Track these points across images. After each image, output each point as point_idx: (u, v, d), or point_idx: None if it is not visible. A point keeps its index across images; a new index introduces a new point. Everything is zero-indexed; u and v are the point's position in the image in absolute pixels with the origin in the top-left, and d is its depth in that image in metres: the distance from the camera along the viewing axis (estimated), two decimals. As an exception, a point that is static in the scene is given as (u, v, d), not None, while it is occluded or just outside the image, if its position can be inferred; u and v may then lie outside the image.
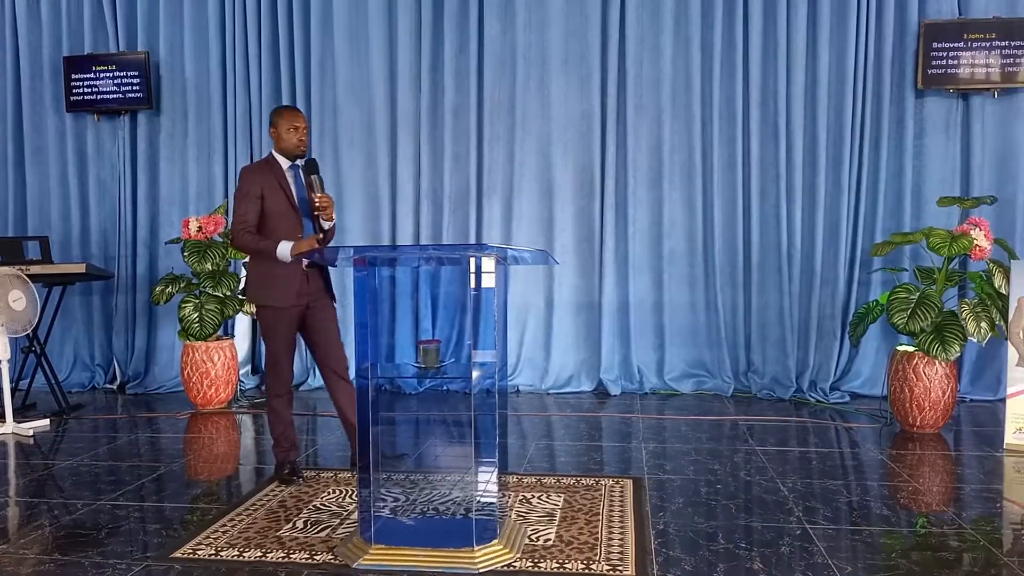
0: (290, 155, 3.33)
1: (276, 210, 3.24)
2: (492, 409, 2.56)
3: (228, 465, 3.79)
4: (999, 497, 3.21)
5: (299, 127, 3.30)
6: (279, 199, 3.25)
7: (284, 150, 3.32)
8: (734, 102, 5.25)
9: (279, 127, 3.31)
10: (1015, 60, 4.92)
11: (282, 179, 3.29)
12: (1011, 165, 5.04)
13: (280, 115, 3.33)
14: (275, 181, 3.26)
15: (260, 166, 3.34)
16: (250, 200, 3.22)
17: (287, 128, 3.29)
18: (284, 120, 3.31)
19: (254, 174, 3.28)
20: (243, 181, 3.26)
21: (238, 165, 5.62)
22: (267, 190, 3.24)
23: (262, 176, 3.26)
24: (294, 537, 2.71)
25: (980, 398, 5.03)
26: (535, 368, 5.51)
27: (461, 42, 5.43)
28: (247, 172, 3.30)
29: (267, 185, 3.24)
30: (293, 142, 3.30)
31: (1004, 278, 4.12)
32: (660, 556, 2.54)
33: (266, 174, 3.27)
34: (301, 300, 3.26)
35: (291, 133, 3.29)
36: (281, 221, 3.24)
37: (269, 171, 3.28)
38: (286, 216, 3.26)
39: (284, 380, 3.36)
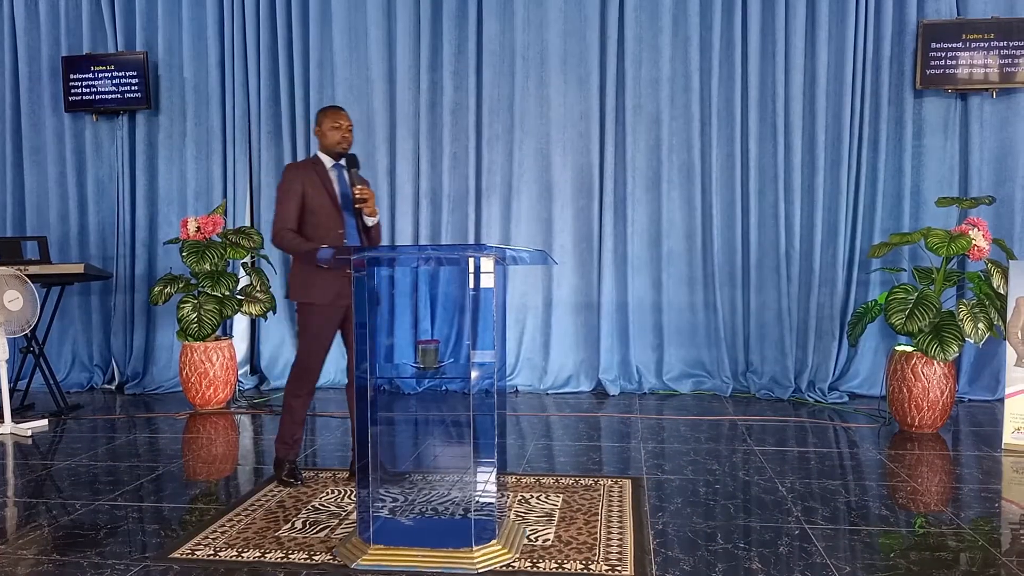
0: (333, 153, 3.30)
1: (318, 208, 3.22)
2: (491, 409, 2.56)
3: (226, 465, 3.79)
4: (997, 497, 3.21)
5: (342, 125, 3.28)
6: (321, 197, 3.23)
7: (327, 148, 3.30)
8: (733, 102, 5.25)
9: (323, 125, 3.30)
10: (1013, 60, 4.93)
11: (325, 177, 3.26)
12: (1009, 165, 5.04)
13: (324, 114, 3.32)
14: (318, 179, 3.24)
15: (303, 164, 3.33)
16: (291, 198, 3.21)
17: (330, 126, 3.28)
18: (327, 119, 3.30)
19: (296, 172, 3.26)
20: (285, 179, 3.25)
21: (237, 165, 5.62)
22: (309, 188, 3.21)
23: (304, 174, 3.24)
24: (293, 537, 2.71)
25: (978, 398, 5.04)
26: (534, 368, 5.51)
27: (460, 41, 5.44)
28: (289, 170, 3.29)
29: (309, 183, 3.22)
30: (335, 139, 3.28)
31: (1002, 278, 4.12)
32: (659, 556, 2.54)
33: (309, 172, 3.25)
34: (342, 301, 3.22)
35: (334, 131, 3.27)
36: (323, 219, 3.22)
37: (312, 169, 3.27)
38: (328, 214, 3.23)
39: (310, 380, 3.32)
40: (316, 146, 3.39)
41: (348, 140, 3.31)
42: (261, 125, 5.62)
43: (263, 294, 5.12)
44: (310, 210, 3.23)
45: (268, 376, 5.69)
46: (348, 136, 3.31)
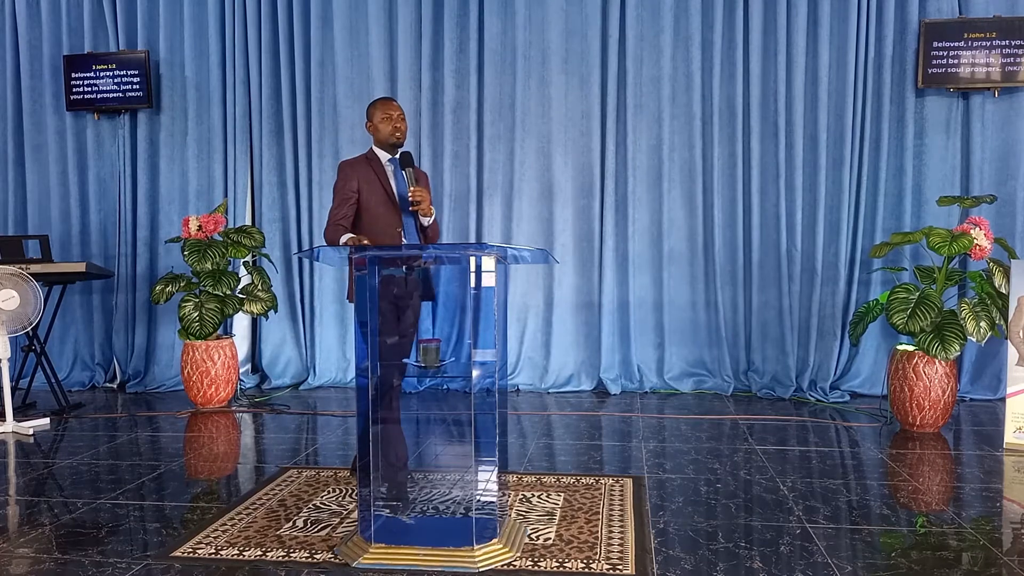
0: (387, 146, 3.22)
1: (374, 205, 3.14)
2: (492, 408, 2.56)
3: (228, 464, 3.79)
4: (999, 496, 3.21)
5: (393, 115, 3.18)
6: (377, 194, 3.14)
7: (381, 141, 3.22)
8: (734, 101, 5.25)
9: (373, 119, 3.22)
10: (1015, 59, 4.92)
11: (380, 173, 3.18)
12: (1011, 164, 5.03)
13: (374, 107, 3.23)
14: (373, 175, 3.16)
15: (358, 160, 3.24)
16: (345, 196, 3.12)
17: (381, 118, 3.19)
18: (377, 111, 3.21)
19: (351, 168, 3.18)
20: (339, 176, 3.17)
21: (238, 164, 5.63)
22: (364, 184, 3.14)
23: (359, 170, 3.16)
24: (294, 536, 2.71)
25: (980, 397, 5.03)
26: (535, 367, 5.51)
27: (461, 40, 5.43)
28: (344, 166, 3.21)
29: (364, 179, 3.14)
30: (388, 131, 3.18)
31: (1004, 277, 4.12)
32: (660, 555, 2.54)
33: (363, 168, 3.17)
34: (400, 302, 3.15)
35: (385, 123, 3.18)
36: (379, 216, 3.14)
37: (367, 165, 3.18)
38: (384, 211, 3.14)
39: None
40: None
41: (401, 130, 3.20)
42: (262, 124, 5.62)
43: (264, 293, 5.13)
44: (366, 208, 3.14)
45: (269, 375, 5.69)
46: (400, 126, 3.20)
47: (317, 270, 5.63)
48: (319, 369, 5.64)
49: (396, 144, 3.22)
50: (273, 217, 5.68)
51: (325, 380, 5.62)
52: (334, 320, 5.64)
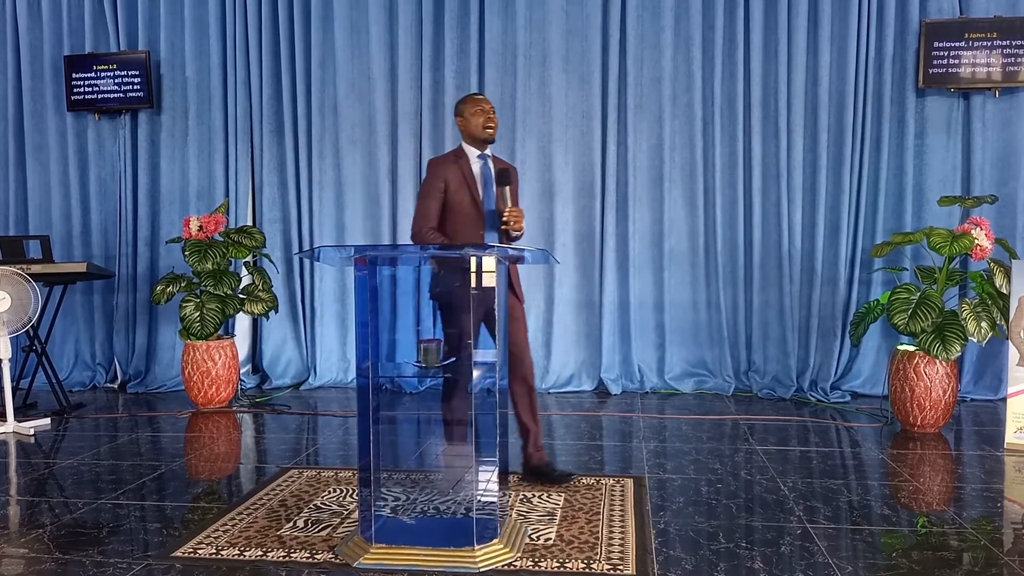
0: (479, 141, 3.15)
1: (459, 208, 3.07)
2: (493, 408, 2.56)
3: (229, 464, 3.80)
4: (1000, 496, 3.21)
5: (485, 108, 3.12)
6: (463, 195, 3.08)
7: (472, 135, 3.14)
8: (735, 101, 5.25)
9: (464, 113, 3.15)
10: (1016, 59, 4.92)
11: (468, 174, 3.11)
12: (1012, 164, 5.03)
13: (464, 102, 3.18)
14: (461, 175, 3.09)
15: (447, 158, 3.17)
16: (432, 195, 3.05)
17: (473, 111, 3.12)
18: (468, 104, 3.15)
19: (439, 167, 3.11)
20: (428, 174, 3.10)
21: (239, 164, 5.63)
22: (451, 184, 3.06)
23: (447, 169, 3.09)
24: (295, 536, 2.71)
25: (981, 398, 5.03)
26: (536, 367, 5.46)
27: (462, 40, 5.44)
28: (433, 164, 3.14)
29: (452, 179, 3.07)
30: (481, 123, 3.11)
31: (1005, 277, 4.12)
32: (661, 555, 2.54)
33: (452, 167, 3.10)
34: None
35: (477, 116, 3.11)
36: (462, 221, 3.08)
37: (455, 163, 3.11)
38: (468, 216, 3.08)
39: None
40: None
41: (494, 123, 3.14)
42: (263, 124, 5.62)
43: (265, 293, 5.13)
44: (451, 208, 3.08)
45: (270, 375, 5.69)
46: (493, 119, 3.14)
47: (318, 270, 5.63)
48: (320, 369, 5.64)
49: (488, 139, 3.16)
50: (274, 217, 5.68)
51: (326, 380, 5.63)
52: (335, 320, 5.65)
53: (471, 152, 3.16)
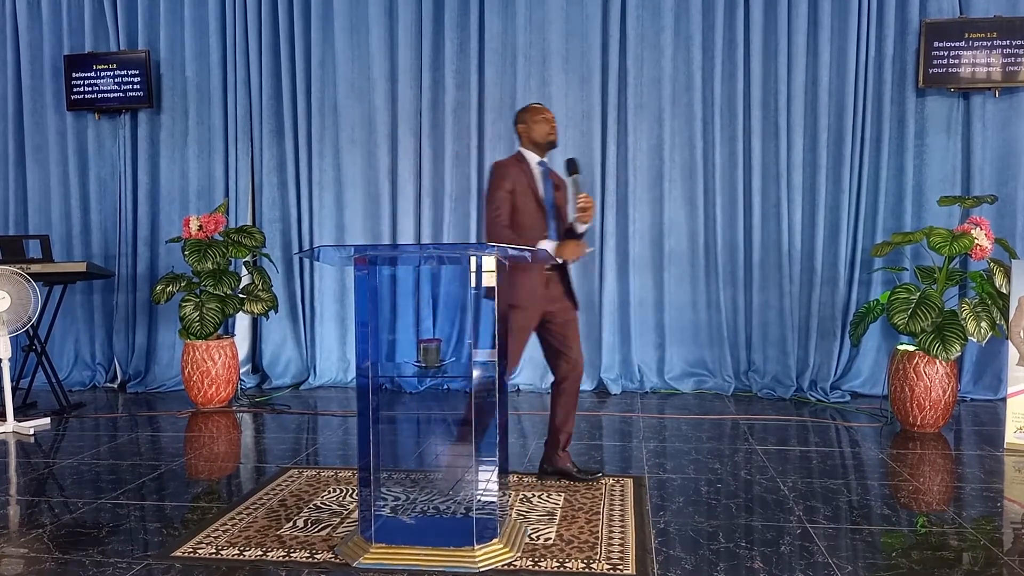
0: (541, 146, 3.23)
1: (524, 209, 3.13)
2: (492, 408, 2.56)
3: (228, 464, 3.80)
4: (999, 496, 3.21)
5: (548, 117, 3.22)
6: (528, 198, 3.15)
7: (535, 141, 3.22)
8: (735, 101, 5.25)
9: (527, 121, 3.23)
10: (1016, 59, 4.92)
11: (531, 177, 3.18)
12: (1012, 164, 5.03)
13: (526, 110, 3.27)
14: (524, 179, 3.16)
15: (511, 162, 3.22)
16: (503, 195, 3.11)
17: (538, 118, 3.21)
18: (531, 112, 3.24)
19: (507, 169, 3.17)
20: (497, 176, 3.16)
21: (239, 164, 5.63)
22: (518, 187, 3.13)
23: (514, 172, 3.16)
24: (294, 536, 2.71)
25: (981, 397, 5.03)
26: (536, 367, 5.50)
27: (462, 40, 5.43)
28: (500, 167, 3.20)
29: (518, 182, 3.14)
30: (546, 131, 3.21)
31: (1005, 277, 4.12)
32: (660, 555, 2.54)
33: (517, 171, 3.17)
34: (543, 304, 3.17)
35: (543, 123, 3.20)
36: (528, 220, 3.14)
37: (519, 168, 3.18)
38: (533, 216, 3.15)
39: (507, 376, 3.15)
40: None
41: (556, 132, 3.25)
42: (263, 124, 5.62)
43: (265, 293, 5.13)
44: (516, 209, 3.14)
45: (270, 375, 5.69)
46: (555, 128, 3.25)
47: (318, 270, 5.63)
48: (320, 369, 5.65)
49: (552, 145, 3.24)
50: (273, 217, 5.68)
51: (326, 380, 5.63)
52: (334, 320, 5.65)
53: (531, 157, 3.23)
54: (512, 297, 3.07)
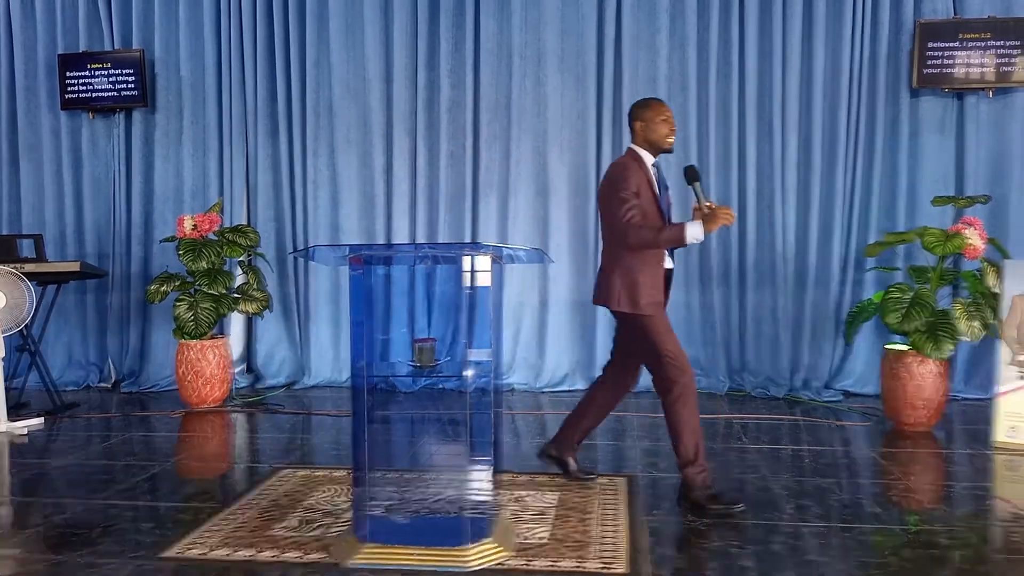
0: (658, 148, 3.07)
1: (647, 211, 3.00)
2: (487, 407, 2.57)
3: (222, 464, 3.80)
4: (990, 495, 3.23)
5: (670, 118, 3.06)
6: (649, 199, 3.01)
7: (653, 142, 3.06)
8: (729, 101, 5.26)
9: (647, 119, 3.05)
10: (1009, 60, 4.93)
11: (650, 177, 3.05)
12: (1005, 165, 5.05)
13: (648, 106, 3.08)
14: (644, 179, 3.02)
15: (629, 163, 3.06)
16: (631, 196, 2.95)
17: (660, 119, 3.03)
18: (652, 110, 3.05)
19: (628, 169, 3.01)
20: (621, 178, 2.99)
21: (234, 163, 5.62)
22: (641, 187, 3.00)
23: (636, 173, 3.01)
24: (287, 536, 2.71)
25: (972, 396, 5.05)
26: (530, 367, 5.52)
27: (457, 40, 5.44)
28: (622, 168, 3.03)
29: (641, 183, 3.01)
30: (665, 131, 3.04)
31: (997, 277, 4.14)
32: (653, 554, 2.55)
33: (638, 170, 3.02)
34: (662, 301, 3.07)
35: (663, 124, 3.03)
36: (648, 220, 3.01)
37: (637, 167, 3.04)
38: (654, 218, 3.01)
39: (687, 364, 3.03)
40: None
41: (675, 134, 3.09)
42: (258, 123, 5.61)
43: (259, 293, 5.12)
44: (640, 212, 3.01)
45: (264, 375, 5.68)
46: (675, 130, 3.09)
47: (312, 270, 5.63)
48: (313, 369, 5.64)
49: (668, 150, 3.09)
50: (268, 217, 5.67)
51: (320, 380, 5.62)
52: (328, 320, 5.64)
53: (646, 157, 3.08)
54: (638, 306, 2.99)
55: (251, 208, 5.73)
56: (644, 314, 2.98)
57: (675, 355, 2.99)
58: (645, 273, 3.00)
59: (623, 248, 3.00)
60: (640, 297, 2.99)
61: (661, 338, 2.99)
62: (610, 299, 3.06)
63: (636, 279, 2.99)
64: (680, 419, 3.02)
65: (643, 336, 3.03)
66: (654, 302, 3.01)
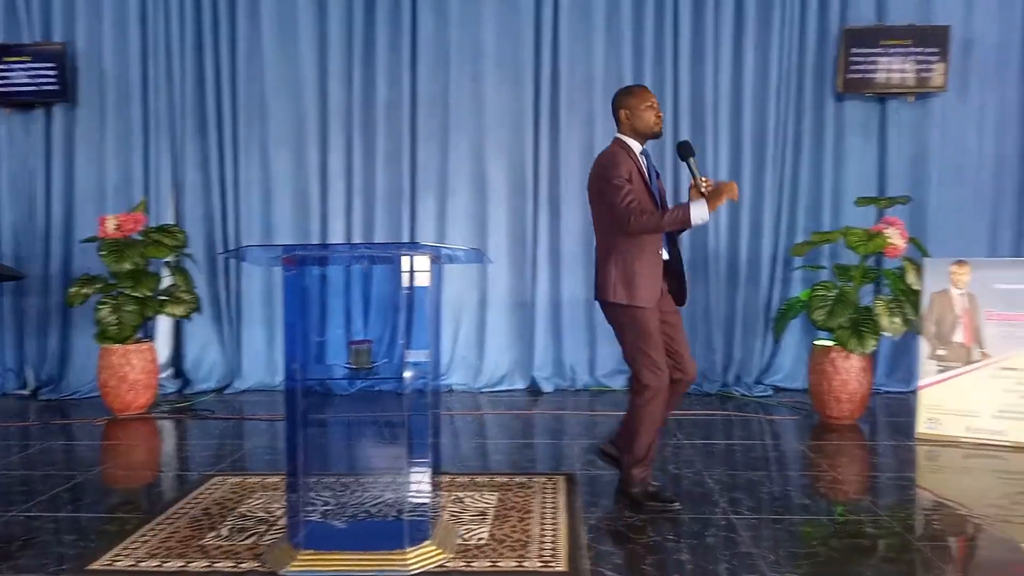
0: (645, 135, 3.01)
1: (640, 198, 2.94)
2: (425, 409, 2.54)
3: (149, 472, 3.66)
4: (912, 485, 3.37)
5: (654, 104, 2.99)
6: (640, 186, 2.95)
7: (640, 130, 3.00)
8: (664, 103, 5.34)
9: (631, 106, 2.99)
10: (929, 66, 5.15)
11: (640, 165, 2.99)
12: (924, 167, 5.28)
13: (632, 94, 3.02)
14: (635, 167, 2.96)
15: (617, 151, 2.99)
16: (625, 182, 2.88)
17: (644, 106, 2.97)
18: (637, 98, 2.99)
19: (618, 157, 2.95)
20: (615, 164, 2.93)
21: (160, 160, 5.43)
22: (633, 175, 2.93)
23: (626, 161, 2.95)
24: (218, 545, 2.63)
25: (895, 390, 5.26)
26: (468, 367, 5.50)
27: (394, 37, 5.38)
28: (614, 157, 2.96)
29: (632, 171, 2.94)
30: (651, 118, 2.98)
31: (917, 275, 4.32)
32: (591, 551, 2.57)
33: (627, 159, 2.96)
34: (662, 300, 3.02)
35: (648, 111, 2.97)
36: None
37: (626, 155, 2.97)
38: (648, 205, 2.95)
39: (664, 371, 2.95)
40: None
41: (662, 120, 3.03)
42: (186, 119, 5.44)
43: (187, 294, 4.96)
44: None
45: (193, 379, 5.50)
46: (661, 116, 3.03)
47: (244, 271, 5.48)
48: (245, 372, 5.49)
49: (656, 135, 3.04)
50: (197, 216, 5.50)
51: (252, 383, 5.48)
52: (261, 322, 5.50)
53: (634, 145, 3.03)
54: (633, 297, 2.92)
55: (179, 207, 5.54)
56: (638, 306, 2.92)
57: (657, 358, 2.94)
58: (643, 262, 2.94)
59: (621, 236, 2.92)
60: (637, 288, 2.92)
61: (647, 337, 2.94)
62: (605, 290, 2.99)
63: (633, 270, 2.92)
64: (642, 421, 2.98)
65: (630, 330, 2.96)
66: (652, 296, 2.94)
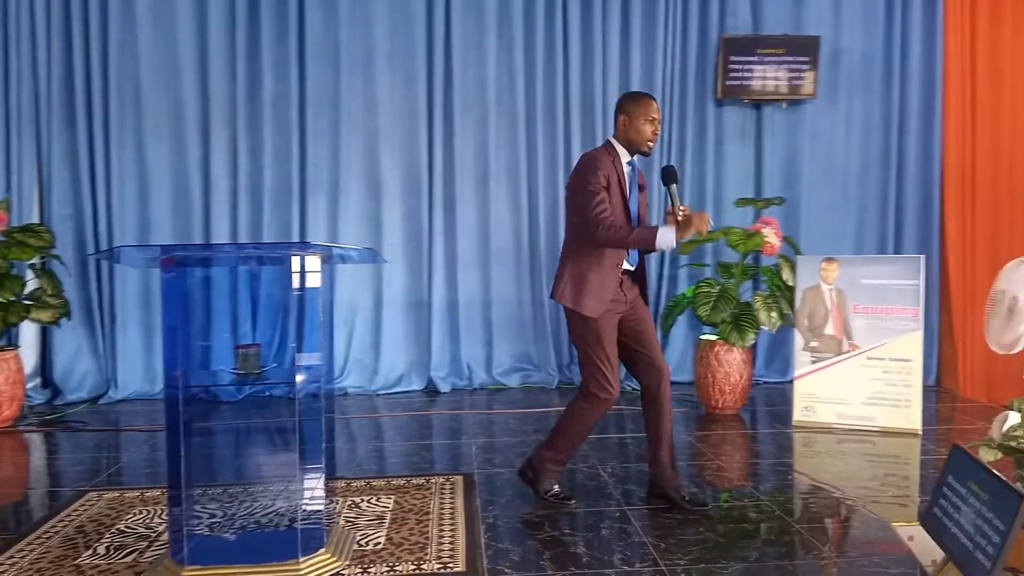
0: (637, 148, 2.93)
1: (612, 206, 2.85)
2: (318, 414, 2.48)
3: (15, 490, 3.38)
4: (790, 470, 3.57)
5: (656, 119, 2.91)
6: (617, 195, 2.87)
7: (633, 142, 2.92)
8: (555, 104, 5.43)
9: (632, 115, 2.90)
10: (800, 74, 5.47)
11: (622, 174, 2.91)
12: (796, 170, 5.61)
13: (635, 102, 2.92)
14: (615, 175, 2.87)
15: (603, 155, 2.89)
16: (601, 188, 2.80)
17: (644, 119, 2.89)
18: (641, 108, 2.90)
19: (601, 160, 2.86)
20: (594, 168, 2.83)
21: (22, 155, 5.03)
22: (611, 181, 2.85)
23: (608, 166, 2.86)
24: (95, 564, 2.47)
25: (773, 380, 5.57)
26: (364, 369, 5.40)
27: (280, 31, 5.20)
28: (598, 160, 2.86)
29: (612, 177, 2.85)
30: (647, 135, 2.90)
31: (791, 272, 4.59)
32: (489, 549, 2.58)
33: (610, 164, 2.87)
34: (616, 307, 2.94)
35: (647, 125, 2.89)
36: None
37: (610, 162, 2.88)
38: (619, 216, 2.87)
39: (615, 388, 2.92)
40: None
41: (657, 138, 2.95)
42: (52, 112, 5.06)
43: (55, 299, 4.62)
44: None
45: (63, 389, 5.13)
46: (658, 133, 2.94)
47: (118, 272, 5.16)
48: (121, 381, 5.17)
49: (646, 153, 2.96)
50: (65, 214, 5.13)
51: (129, 392, 5.16)
52: (138, 327, 5.19)
53: (623, 154, 2.96)
54: (577, 304, 2.89)
55: (44, 205, 5.15)
56: (585, 315, 2.90)
57: (608, 369, 2.92)
58: (596, 272, 2.90)
59: (585, 241, 2.89)
60: (584, 296, 2.89)
61: (599, 347, 2.91)
62: (556, 291, 2.97)
63: (586, 277, 2.90)
64: (576, 423, 3.01)
65: (581, 337, 2.95)
66: (599, 305, 2.90)
